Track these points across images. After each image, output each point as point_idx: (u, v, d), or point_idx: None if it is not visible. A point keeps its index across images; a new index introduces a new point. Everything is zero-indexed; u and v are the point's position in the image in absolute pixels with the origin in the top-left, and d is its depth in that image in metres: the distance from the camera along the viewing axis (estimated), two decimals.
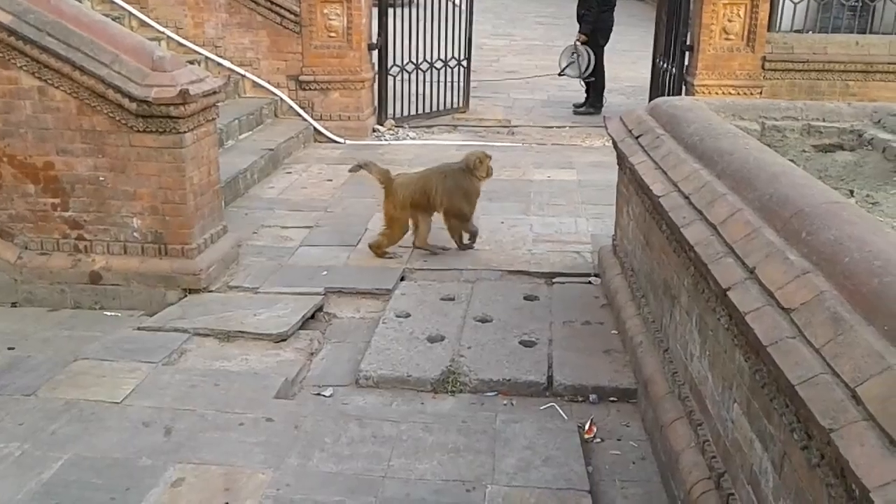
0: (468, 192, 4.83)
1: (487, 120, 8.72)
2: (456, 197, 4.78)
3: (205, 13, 7.65)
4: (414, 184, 4.79)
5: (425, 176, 4.85)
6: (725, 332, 2.38)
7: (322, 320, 4.25)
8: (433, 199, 4.77)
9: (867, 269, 1.85)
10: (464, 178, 4.81)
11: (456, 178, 4.80)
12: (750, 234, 2.37)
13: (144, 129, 4.19)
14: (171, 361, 3.73)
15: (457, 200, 4.79)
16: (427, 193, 4.76)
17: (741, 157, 2.81)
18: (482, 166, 4.83)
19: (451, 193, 4.76)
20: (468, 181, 4.82)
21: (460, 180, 4.80)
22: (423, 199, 4.76)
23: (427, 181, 4.79)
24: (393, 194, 4.74)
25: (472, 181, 4.83)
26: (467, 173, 4.81)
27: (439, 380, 3.54)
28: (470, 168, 4.81)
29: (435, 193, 4.75)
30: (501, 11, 18.75)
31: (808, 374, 1.74)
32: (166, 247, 4.37)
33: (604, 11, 8.76)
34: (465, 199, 4.83)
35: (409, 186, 4.76)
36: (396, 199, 4.73)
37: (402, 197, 4.73)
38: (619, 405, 3.43)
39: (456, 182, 4.79)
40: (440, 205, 4.80)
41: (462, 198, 4.81)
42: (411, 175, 4.94)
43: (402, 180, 4.81)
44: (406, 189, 4.75)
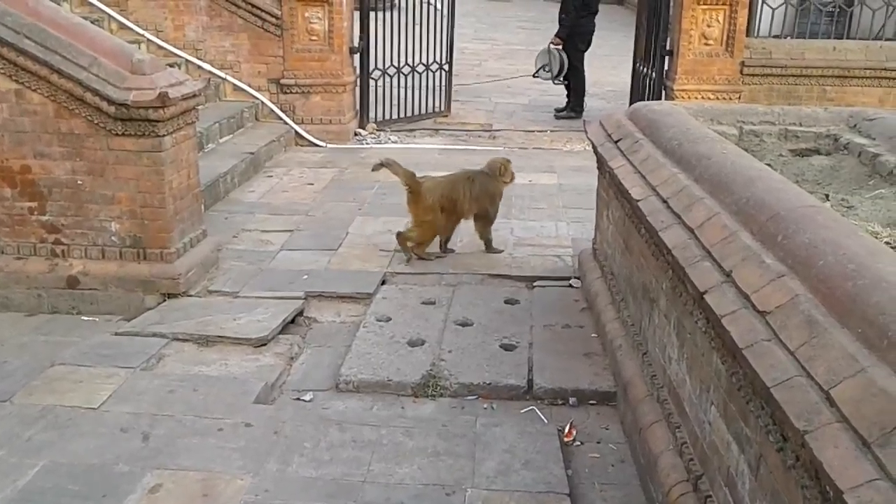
0: (494, 196, 4.92)
1: (469, 124, 8.74)
2: (485, 201, 4.87)
3: (185, 16, 7.61)
4: (441, 188, 4.80)
5: (452, 181, 4.87)
6: (703, 335, 2.40)
7: (302, 325, 4.23)
8: (460, 205, 4.80)
9: (841, 273, 1.88)
10: (490, 182, 4.90)
11: (483, 182, 4.87)
12: (727, 237, 2.39)
13: (123, 133, 4.16)
14: (149, 367, 3.70)
15: (486, 204, 4.88)
16: (454, 199, 4.78)
17: (718, 162, 2.84)
18: (507, 172, 4.96)
19: (479, 198, 4.84)
20: (494, 185, 4.92)
21: (487, 185, 4.88)
22: (450, 204, 4.78)
23: (454, 187, 4.81)
24: (422, 198, 4.75)
25: (499, 185, 4.94)
26: (493, 178, 4.90)
27: (420, 384, 3.53)
28: (496, 173, 4.91)
29: (463, 199, 4.79)
30: (483, 16, 18.80)
31: (783, 376, 1.76)
32: (145, 251, 4.33)
33: (582, 17, 8.80)
34: (492, 203, 4.93)
35: (437, 191, 4.77)
36: (425, 203, 4.74)
37: (431, 201, 4.74)
38: (599, 408, 3.44)
39: (483, 187, 4.86)
40: (468, 210, 4.86)
41: (489, 201, 4.90)
42: (438, 179, 4.93)
43: (430, 184, 4.81)
44: (434, 193, 4.76)
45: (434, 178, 4.93)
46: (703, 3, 7.05)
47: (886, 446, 1.43)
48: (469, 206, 4.82)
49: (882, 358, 1.60)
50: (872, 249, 1.97)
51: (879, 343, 1.63)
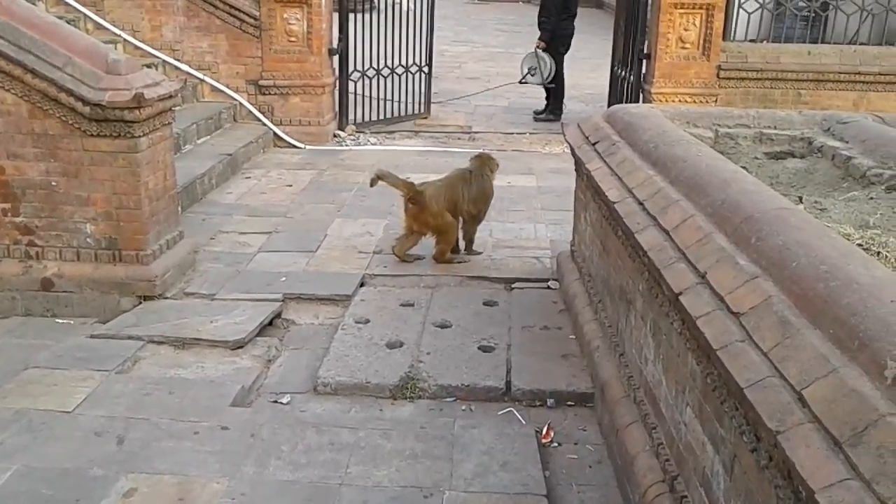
0: (488, 195, 4.93)
1: (449, 126, 8.74)
2: (480, 202, 4.88)
3: (162, 16, 7.55)
4: (443, 193, 4.80)
5: (451, 184, 4.86)
6: (678, 336, 2.42)
7: (280, 327, 4.21)
8: (460, 207, 4.81)
9: (813, 274, 1.90)
10: (485, 182, 4.90)
11: (479, 184, 4.88)
12: (702, 239, 2.41)
13: (98, 134, 4.12)
14: (124, 369, 3.66)
15: (480, 204, 4.89)
16: (455, 201, 4.79)
17: (694, 164, 2.86)
18: (493, 163, 4.97)
19: (476, 199, 4.84)
20: (489, 185, 4.92)
21: (483, 185, 4.88)
22: (451, 207, 4.79)
23: (454, 189, 4.82)
24: (426, 207, 4.74)
25: (490, 183, 4.93)
26: (486, 177, 4.89)
27: (398, 386, 3.53)
28: (486, 170, 4.90)
29: (462, 201, 4.80)
30: (463, 18, 18.84)
31: (756, 377, 1.77)
32: (120, 253, 4.29)
33: (563, 19, 8.84)
34: (486, 203, 4.94)
35: (440, 197, 4.78)
36: (433, 210, 4.74)
37: (438, 207, 4.75)
38: (577, 409, 3.46)
39: (480, 188, 4.87)
40: (466, 212, 4.86)
41: (484, 202, 4.91)
42: (437, 184, 4.91)
43: (432, 191, 4.80)
44: (438, 199, 4.76)
45: (433, 184, 4.91)
46: (680, 7, 7.10)
47: (857, 446, 1.45)
48: (467, 208, 4.84)
49: (853, 358, 1.62)
50: (844, 251, 1.99)
51: (850, 344, 1.65)
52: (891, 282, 1.80)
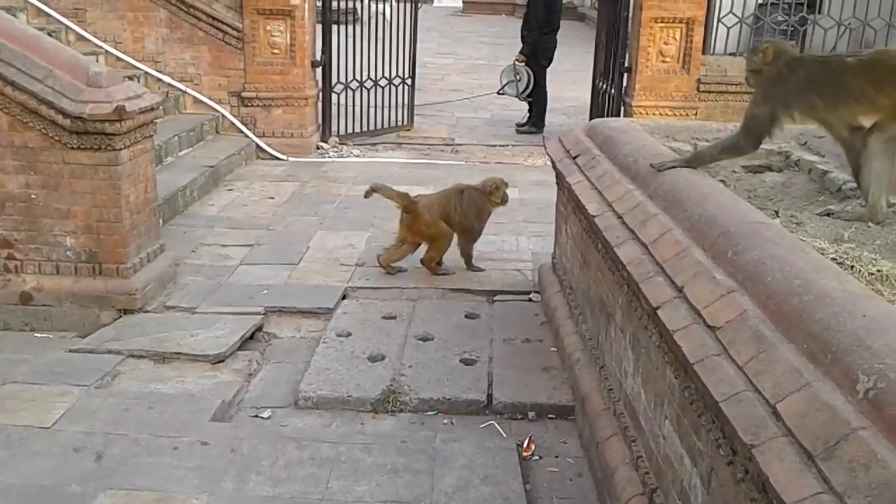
0: (481, 211, 4.91)
1: (432, 138, 8.77)
2: (471, 215, 4.86)
3: (144, 28, 7.53)
4: (437, 204, 4.84)
5: (446, 195, 4.91)
6: (657, 349, 2.43)
7: (261, 340, 4.19)
8: (452, 219, 4.82)
9: (788, 289, 1.92)
10: (480, 198, 4.90)
11: (472, 196, 4.89)
12: (679, 253, 2.43)
13: (79, 146, 4.10)
14: (103, 384, 3.64)
15: (471, 218, 4.87)
16: (448, 213, 4.81)
17: (672, 178, 2.89)
18: (498, 192, 4.93)
19: (466, 211, 4.84)
20: (484, 202, 4.91)
21: (476, 199, 4.89)
22: (445, 219, 4.81)
23: (448, 201, 4.85)
24: (420, 216, 4.78)
25: (487, 203, 4.92)
26: (483, 194, 4.90)
27: (379, 399, 3.52)
28: (487, 191, 4.90)
29: (454, 212, 4.82)
30: (446, 30, 18.93)
31: (731, 391, 1.79)
32: (101, 266, 4.26)
33: (545, 33, 8.92)
34: (478, 219, 4.91)
35: (434, 207, 4.82)
36: (426, 219, 4.78)
37: (431, 216, 4.78)
38: (558, 422, 3.46)
39: (472, 200, 4.87)
40: (457, 224, 4.86)
41: (475, 216, 4.89)
42: (432, 196, 5.01)
43: (426, 202, 4.87)
44: (432, 209, 4.80)
45: (428, 196, 5.00)
46: (660, 22, 7.17)
47: (830, 460, 1.47)
48: (459, 220, 4.84)
49: (826, 373, 1.65)
50: (818, 266, 2.02)
51: (823, 358, 1.67)
52: (863, 296, 1.82)
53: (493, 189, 4.91)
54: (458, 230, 4.89)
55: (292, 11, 7.43)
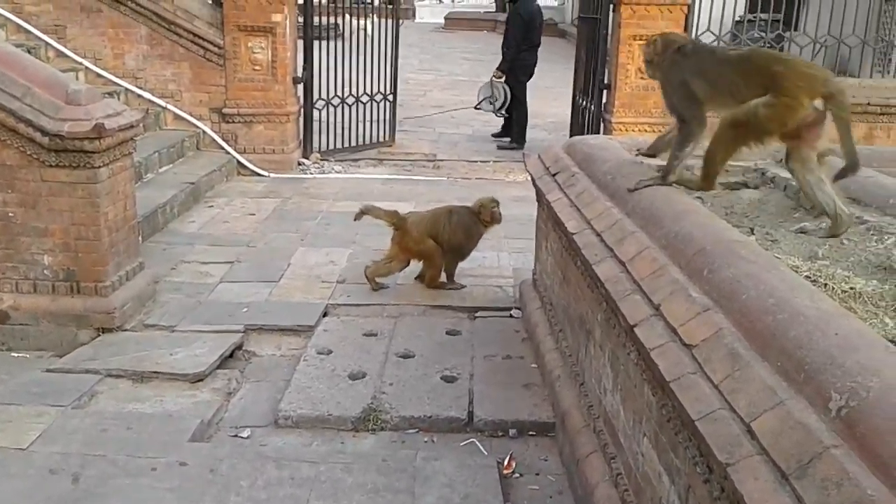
0: (469, 231, 4.92)
1: (413, 154, 8.79)
2: (458, 234, 4.88)
3: (125, 44, 7.52)
4: (426, 221, 4.88)
5: (435, 215, 4.95)
6: (635, 366, 2.45)
7: (241, 359, 4.17)
8: (441, 237, 4.85)
9: (762, 307, 1.94)
10: (469, 217, 4.93)
11: (461, 216, 4.92)
12: (656, 271, 2.45)
13: (57, 164, 4.08)
14: (81, 405, 3.60)
15: (459, 237, 4.89)
16: (437, 231, 4.84)
17: (649, 196, 2.92)
18: (486, 210, 4.92)
19: (455, 230, 4.86)
20: (472, 222, 4.92)
21: (465, 220, 4.91)
22: (434, 236, 4.84)
23: (437, 219, 4.89)
24: (408, 232, 4.82)
25: (477, 224, 4.93)
26: (474, 215, 4.93)
27: (360, 418, 3.51)
28: (476, 211, 4.93)
29: (442, 231, 4.84)
30: (428, 46, 19.02)
31: (707, 409, 1.80)
32: (79, 284, 4.23)
33: (524, 50, 9.01)
34: (467, 239, 4.93)
35: (422, 224, 4.86)
36: (413, 236, 4.82)
37: (418, 233, 4.82)
38: (538, 439, 3.47)
39: (460, 219, 4.90)
40: (446, 242, 4.88)
41: (463, 236, 4.90)
42: (422, 213, 5.05)
43: (415, 219, 4.92)
44: (420, 226, 4.84)
45: (419, 213, 5.05)
46: (639, 39, 7.23)
47: (803, 478, 1.48)
48: (447, 238, 4.86)
49: (799, 391, 1.66)
50: (792, 284, 2.04)
51: (797, 376, 1.69)
52: (835, 315, 1.84)
53: (480, 208, 4.93)
54: (446, 248, 4.90)
55: (274, 28, 7.45)
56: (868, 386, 1.53)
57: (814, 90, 2.67)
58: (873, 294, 2.25)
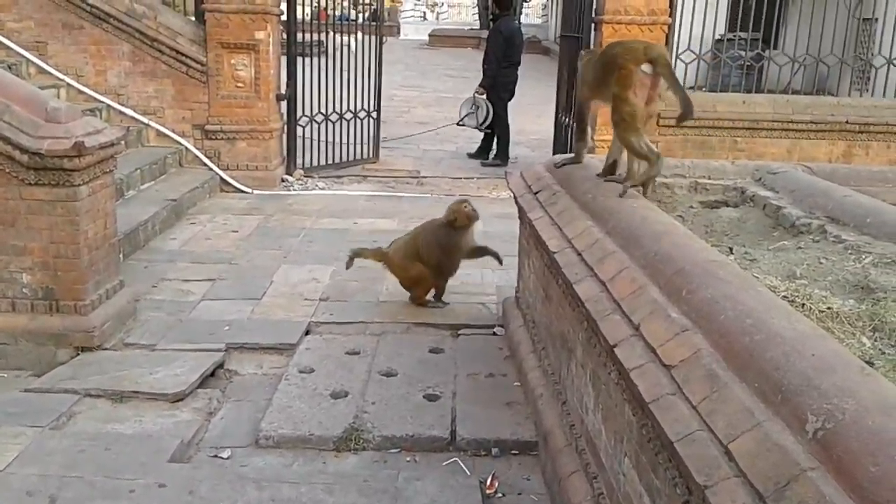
0: (444, 244, 4.81)
1: (397, 171, 8.81)
2: (433, 250, 4.81)
3: (107, 61, 7.50)
4: (405, 247, 4.87)
5: (413, 236, 4.92)
6: (616, 386, 2.45)
7: (223, 377, 4.14)
8: (423, 257, 4.81)
9: (739, 328, 1.95)
10: (439, 230, 4.84)
11: (429, 232, 4.86)
12: (636, 291, 2.46)
13: (36, 182, 4.05)
14: (59, 425, 3.56)
15: (433, 253, 4.81)
16: (418, 251, 4.81)
17: (629, 216, 2.93)
18: (458, 214, 4.77)
19: (428, 246, 4.81)
20: (444, 233, 4.81)
21: (436, 233, 4.84)
22: (419, 258, 4.82)
23: (415, 240, 4.87)
24: (392, 260, 4.85)
25: (451, 233, 4.80)
26: (446, 226, 4.82)
27: (342, 438, 3.48)
28: (449, 219, 4.81)
29: (422, 248, 4.81)
30: (412, 63, 19.09)
31: (685, 430, 1.81)
32: (58, 303, 4.19)
33: (504, 67, 9.08)
34: (443, 252, 4.81)
35: (402, 249, 4.86)
36: (396, 262, 4.85)
37: (399, 258, 4.83)
38: (521, 458, 3.46)
39: (428, 236, 4.84)
40: (426, 261, 4.83)
41: (438, 250, 4.81)
42: (403, 238, 5.00)
43: (395, 246, 4.92)
44: (399, 252, 4.86)
45: (400, 238, 5.02)
46: None
47: (780, 501, 1.48)
48: (426, 258, 4.81)
49: (776, 412, 1.67)
50: (769, 304, 2.05)
51: (774, 397, 1.70)
52: (812, 335, 1.86)
53: (451, 214, 4.79)
54: (428, 267, 4.85)
55: (257, 45, 7.46)
56: (844, 408, 1.54)
57: (638, 58, 3.28)
58: (850, 314, 2.27)
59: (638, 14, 7.21)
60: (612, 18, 7.22)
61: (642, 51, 3.31)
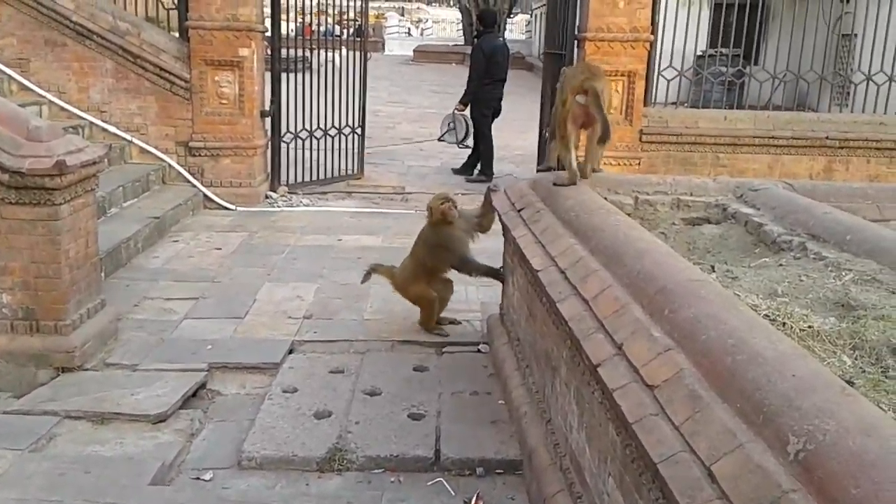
0: (436, 243, 4.62)
1: (382, 187, 8.81)
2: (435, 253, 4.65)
3: (90, 78, 7.47)
4: (406, 265, 4.79)
5: (412, 253, 4.81)
6: (599, 405, 2.45)
7: (205, 398, 4.10)
8: (430, 267, 4.70)
9: (722, 348, 1.96)
10: (426, 232, 4.70)
11: (422, 236, 4.73)
12: (619, 310, 2.47)
13: (17, 201, 4.01)
14: (38, 448, 3.51)
15: (437, 256, 4.66)
16: (424, 265, 4.69)
17: (612, 234, 2.94)
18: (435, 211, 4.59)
19: (430, 253, 4.67)
20: (434, 232, 4.63)
21: (426, 236, 4.70)
22: (426, 273, 4.70)
23: (413, 253, 4.79)
24: (396, 280, 4.81)
25: (439, 230, 4.61)
26: (430, 227, 4.68)
27: (325, 458, 3.46)
28: (433, 221, 4.62)
29: (428, 261, 4.68)
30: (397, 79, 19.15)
31: (668, 452, 1.81)
32: (38, 323, 4.15)
33: (486, 84, 9.13)
34: (432, 256, 4.65)
35: (404, 268, 4.80)
36: (398, 283, 4.80)
37: (401, 278, 4.77)
38: (506, 477, 3.44)
39: (422, 240, 4.71)
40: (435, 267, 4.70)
41: (437, 251, 4.64)
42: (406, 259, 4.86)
43: (399, 267, 4.85)
44: (396, 275, 4.81)
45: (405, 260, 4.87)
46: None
47: None
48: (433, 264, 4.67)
49: (758, 433, 1.67)
50: (751, 324, 2.06)
51: (756, 418, 1.70)
52: (793, 356, 1.86)
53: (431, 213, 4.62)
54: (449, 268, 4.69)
55: (241, 62, 7.46)
56: (825, 429, 1.54)
57: (574, 87, 3.68)
58: (831, 332, 2.28)
59: (620, 31, 7.27)
60: (594, 36, 7.28)
61: (580, 83, 3.71)
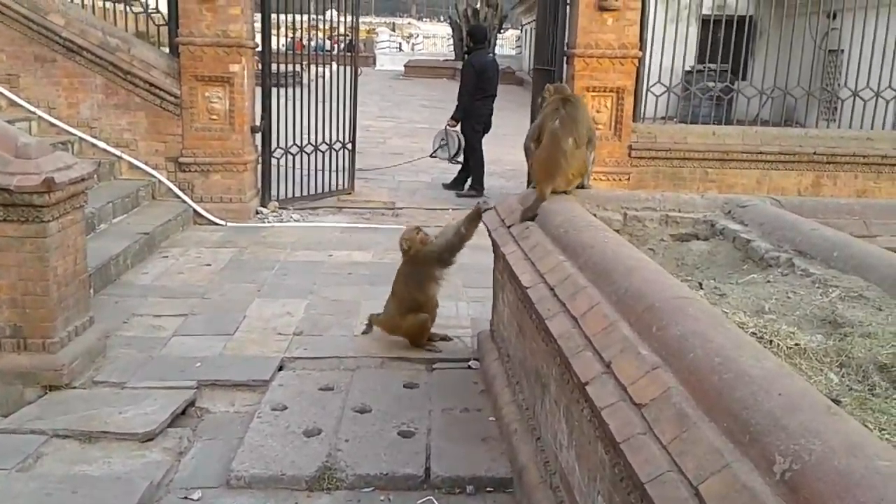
0: (414, 278, 4.67)
1: (373, 202, 8.81)
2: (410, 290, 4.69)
3: (80, 93, 7.47)
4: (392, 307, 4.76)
5: (393, 293, 4.78)
6: (588, 423, 2.45)
7: (194, 416, 4.08)
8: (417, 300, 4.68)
9: (708, 366, 1.96)
10: (405, 268, 4.74)
11: (402, 274, 4.75)
12: (607, 327, 2.47)
13: (5, 218, 3.99)
14: (25, 467, 3.48)
15: (412, 289, 4.68)
16: (411, 295, 4.68)
17: (600, 251, 2.95)
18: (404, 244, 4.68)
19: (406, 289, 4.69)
20: (410, 268, 4.70)
21: (404, 272, 4.73)
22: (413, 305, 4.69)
23: (397, 292, 4.75)
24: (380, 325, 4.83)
25: (413, 263, 4.68)
26: (409, 262, 4.71)
27: (315, 477, 3.44)
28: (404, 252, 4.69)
29: (413, 293, 4.69)
30: (388, 94, 19.20)
31: (656, 471, 1.81)
32: (25, 341, 4.12)
33: (477, 99, 9.18)
34: (417, 289, 4.67)
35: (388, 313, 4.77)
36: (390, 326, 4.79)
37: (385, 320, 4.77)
38: (496, 495, 3.43)
39: (402, 276, 4.73)
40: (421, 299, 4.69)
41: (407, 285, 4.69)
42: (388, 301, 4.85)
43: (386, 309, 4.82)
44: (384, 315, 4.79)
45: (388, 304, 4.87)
46: (592, 90, 7.41)
47: None
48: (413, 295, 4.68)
49: (745, 453, 1.68)
50: (738, 342, 2.07)
51: (742, 438, 1.71)
52: (779, 374, 1.87)
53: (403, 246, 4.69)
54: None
55: (231, 78, 7.47)
56: (811, 449, 1.55)
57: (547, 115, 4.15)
58: (818, 350, 2.29)
59: (609, 48, 7.32)
60: (583, 52, 7.33)
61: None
